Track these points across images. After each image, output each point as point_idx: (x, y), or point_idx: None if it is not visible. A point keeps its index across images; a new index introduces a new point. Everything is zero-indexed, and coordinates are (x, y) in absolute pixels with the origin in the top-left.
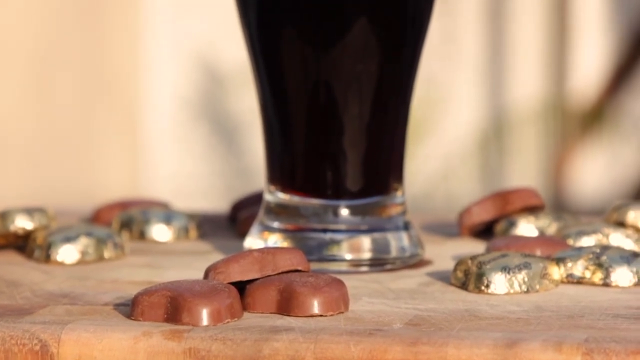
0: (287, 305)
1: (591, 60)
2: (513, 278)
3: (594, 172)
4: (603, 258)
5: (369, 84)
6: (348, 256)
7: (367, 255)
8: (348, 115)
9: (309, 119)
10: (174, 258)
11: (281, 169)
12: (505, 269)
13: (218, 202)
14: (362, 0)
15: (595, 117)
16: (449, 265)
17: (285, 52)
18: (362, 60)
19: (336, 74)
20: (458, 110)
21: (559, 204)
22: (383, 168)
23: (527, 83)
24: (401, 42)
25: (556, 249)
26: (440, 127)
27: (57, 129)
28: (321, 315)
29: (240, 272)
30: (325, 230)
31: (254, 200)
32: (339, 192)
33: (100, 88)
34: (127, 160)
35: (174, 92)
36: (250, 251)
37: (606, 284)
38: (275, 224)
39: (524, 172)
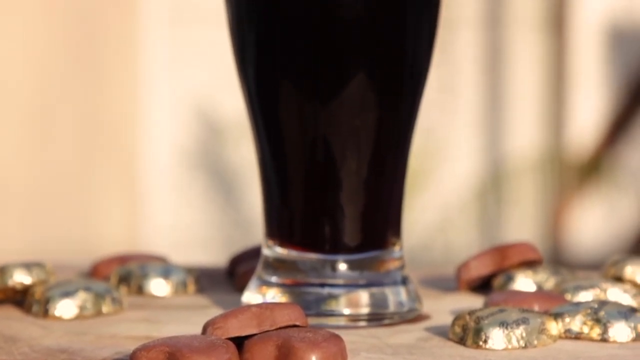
0: None
1: (588, 111)
2: (511, 333)
3: (592, 223)
4: (601, 313)
5: (367, 138)
6: (346, 311)
7: (365, 310)
8: (346, 170)
9: (307, 174)
10: (173, 313)
11: (279, 224)
12: (503, 324)
13: (217, 253)
14: (359, 54)
15: (593, 168)
16: (447, 320)
17: (283, 107)
18: (359, 115)
19: (334, 128)
20: (455, 160)
21: (557, 255)
22: (381, 223)
23: (524, 134)
24: (399, 96)
25: (554, 304)
26: (437, 177)
27: (55, 182)
28: None
29: (238, 328)
30: (323, 285)
31: (251, 255)
32: (336, 247)
33: (98, 140)
34: (126, 212)
35: (172, 143)
36: (249, 306)
37: (604, 340)
38: (274, 279)
39: (522, 223)
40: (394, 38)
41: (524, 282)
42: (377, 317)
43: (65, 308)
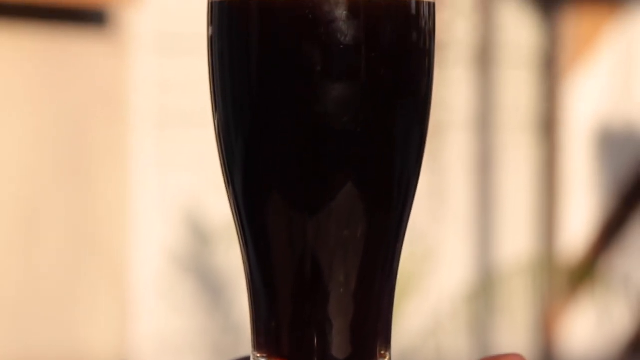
0: None
1: (579, 216)
2: None
3: (584, 328)
4: None
5: (355, 249)
6: None
7: None
8: (334, 283)
9: (294, 286)
10: None
11: (267, 335)
12: None
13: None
14: (347, 165)
15: (584, 274)
16: None
17: (270, 219)
18: (348, 226)
19: (322, 239)
20: (446, 266)
21: None
22: (370, 334)
23: (515, 239)
24: (388, 206)
25: None
26: (428, 282)
27: (43, 288)
28: None
29: None
30: None
31: None
32: None
33: (86, 247)
34: (114, 318)
35: (161, 249)
36: None
37: None
38: None
39: (513, 328)
40: (382, 149)
41: None
42: None
43: None
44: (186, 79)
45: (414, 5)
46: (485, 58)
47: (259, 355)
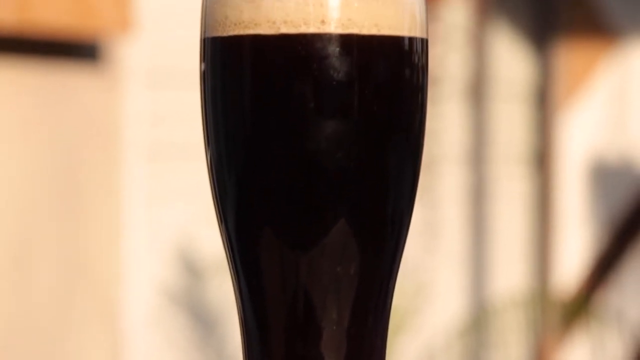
0: None
1: (574, 251)
2: None
3: None
4: None
5: (348, 286)
6: None
7: None
8: (327, 319)
9: (287, 322)
10: None
11: None
12: None
13: None
14: (340, 201)
15: (578, 308)
16: None
17: (263, 255)
18: (341, 263)
19: (315, 276)
20: (439, 300)
21: None
22: None
23: (509, 273)
24: (381, 242)
25: None
26: (421, 317)
27: (34, 325)
28: None
29: None
30: None
31: None
32: None
33: (78, 281)
34: (106, 353)
35: (153, 284)
36: None
37: None
38: None
39: None
40: (375, 185)
41: None
42: None
43: None
44: (179, 113)
45: (407, 41)
46: (478, 92)
47: None
